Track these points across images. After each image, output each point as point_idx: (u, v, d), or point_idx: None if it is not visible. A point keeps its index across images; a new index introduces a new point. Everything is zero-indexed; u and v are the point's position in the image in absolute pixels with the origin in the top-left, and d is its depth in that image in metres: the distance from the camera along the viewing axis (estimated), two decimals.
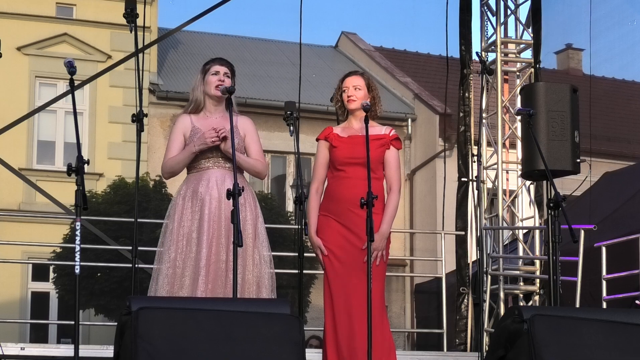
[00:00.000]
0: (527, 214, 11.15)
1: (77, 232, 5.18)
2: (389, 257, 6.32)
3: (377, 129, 6.41)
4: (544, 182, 10.47)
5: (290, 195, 21.37)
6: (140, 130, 6.31)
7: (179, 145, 6.35)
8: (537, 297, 10.66)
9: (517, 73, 11.38)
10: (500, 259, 10.63)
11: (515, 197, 11.19)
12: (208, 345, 4.84)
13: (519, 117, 10.36)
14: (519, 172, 10.47)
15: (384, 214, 6.26)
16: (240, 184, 5.74)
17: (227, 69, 6.46)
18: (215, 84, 6.37)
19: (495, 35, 11.17)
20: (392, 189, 6.32)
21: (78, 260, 5.14)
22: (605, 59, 26.63)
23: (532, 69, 11.11)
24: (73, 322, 5.20)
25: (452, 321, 10.91)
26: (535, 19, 11.19)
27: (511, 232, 11.73)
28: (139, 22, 6.82)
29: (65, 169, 5.26)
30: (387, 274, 6.33)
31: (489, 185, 11.05)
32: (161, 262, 6.20)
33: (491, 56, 11.26)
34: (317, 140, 6.49)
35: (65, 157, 19.62)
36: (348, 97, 6.41)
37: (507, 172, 11.19)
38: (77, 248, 5.15)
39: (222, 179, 6.26)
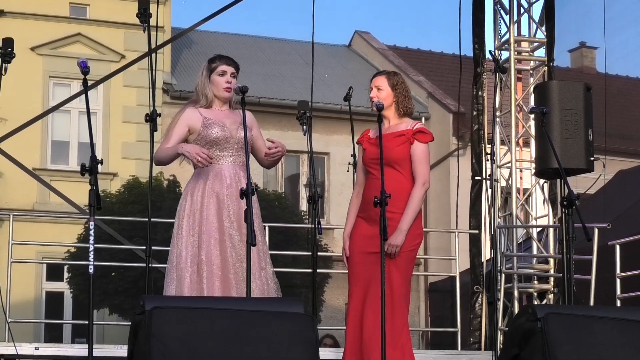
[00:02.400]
0: (541, 212, 11.12)
1: (91, 232, 5.19)
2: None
3: (404, 125, 6.41)
4: (558, 180, 10.42)
5: (303, 194, 21.35)
6: (153, 129, 6.33)
7: (179, 137, 6.27)
8: (551, 296, 10.64)
9: (531, 71, 11.35)
10: (514, 258, 10.61)
11: (529, 195, 11.17)
12: (221, 344, 4.84)
13: (532, 116, 10.36)
14: (533, 171, 10.44)
15: (405, 209, 6.20)
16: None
17: (234, 68, 6.42)
18: (224, 86, 6.34)
19: (508, 33, 11.13)
20: (415, 182, 6.25)
21: (92, 260, 5.14)
22: (620, 57, 26.55)
23: (546, 67, 11.07)
24: (87, 322, 5.21)
25: (466, 320, 10.89)
26: (548, 17, 11.16)
27: (525, 230, 11.70)
28: (152, 21, 6.85)
29: (79, 168, 5.27)
30: None
31: (503, 183, 11.02)
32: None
33: (504, 54, 11.23)
34: (358, 143, 6.57)
35: (79, 157, 19.64)
36: (370, 98, 6.40)
37: (521, 171, 11.16)
38: (91, 248, 5.15)
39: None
